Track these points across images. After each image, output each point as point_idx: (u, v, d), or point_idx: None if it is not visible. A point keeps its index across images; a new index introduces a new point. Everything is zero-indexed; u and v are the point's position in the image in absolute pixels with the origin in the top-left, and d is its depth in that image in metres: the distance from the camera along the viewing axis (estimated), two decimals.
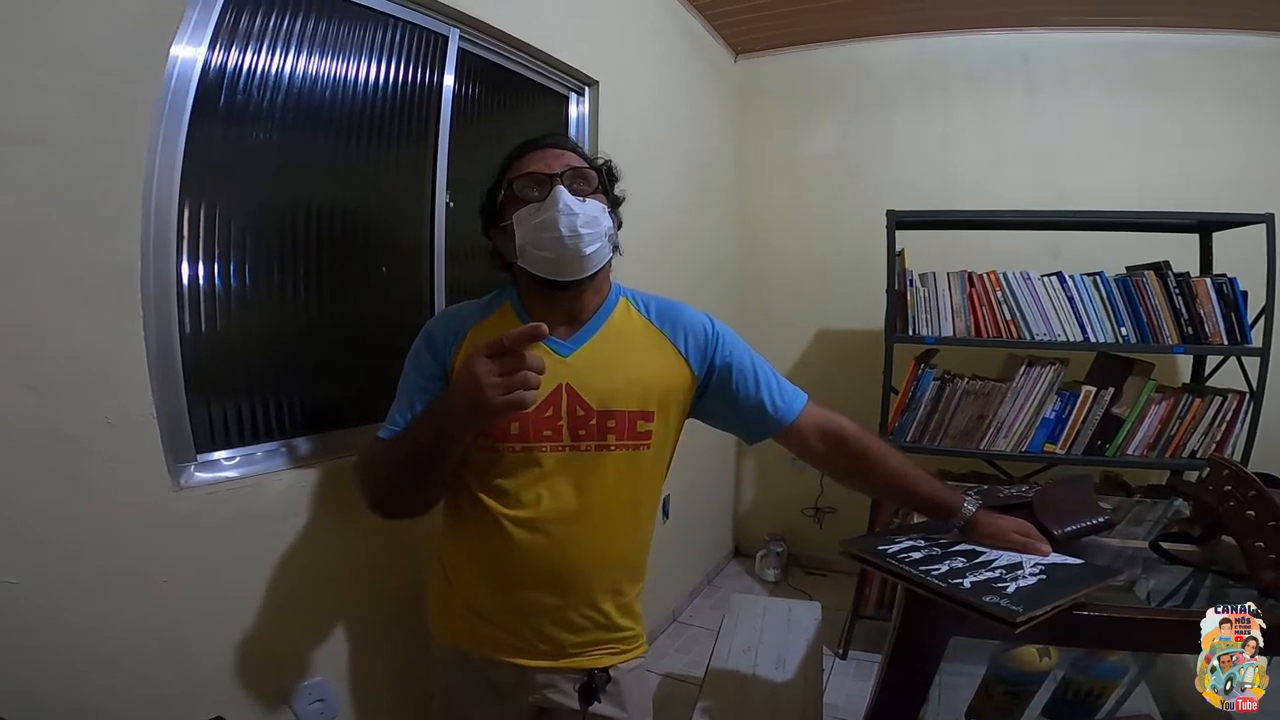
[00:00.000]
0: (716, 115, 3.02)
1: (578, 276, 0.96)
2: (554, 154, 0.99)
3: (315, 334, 1.32)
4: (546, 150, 1.00)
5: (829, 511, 3.10)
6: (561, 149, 1.01)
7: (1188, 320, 2.07)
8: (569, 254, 0.94)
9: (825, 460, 1.08)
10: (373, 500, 0.96)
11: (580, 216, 0.93)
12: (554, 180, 0.95)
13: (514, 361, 0.77)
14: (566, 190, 0.94)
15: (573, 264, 0.95)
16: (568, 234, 0.93)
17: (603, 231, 0.97)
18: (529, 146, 1.02)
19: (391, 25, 1.43)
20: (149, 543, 0.99)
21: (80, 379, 0.91)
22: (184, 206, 1.07)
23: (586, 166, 1.00)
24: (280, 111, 1.23)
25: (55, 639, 0.89)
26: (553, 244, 0.93)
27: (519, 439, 0.95)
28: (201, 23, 1.08)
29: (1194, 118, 2.63)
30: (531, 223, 0.95)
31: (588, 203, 0.96)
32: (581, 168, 0.98)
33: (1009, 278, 2.14)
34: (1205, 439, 2.09)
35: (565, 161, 0.98)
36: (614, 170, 1.07)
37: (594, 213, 0.96)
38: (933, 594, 0.84)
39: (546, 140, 1.03)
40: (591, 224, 0.95)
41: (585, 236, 0.94)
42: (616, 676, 1.04)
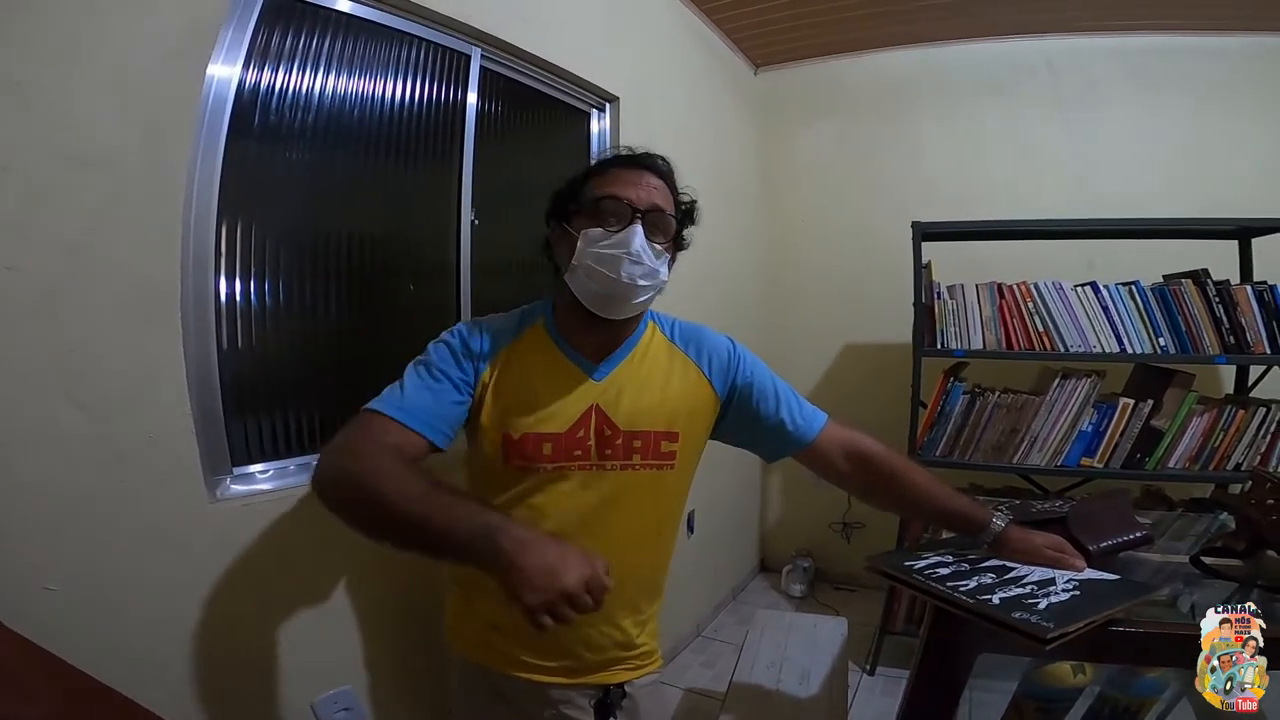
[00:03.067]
0: (738, 129, 3.03)
1: (617, 318, 0.97)
2: (649, 183, 0.96)
3: (346, 350, 1.35)
4: (643, 174, 0.97)
5: (857, 526, 3.05)
6: (659, 178, 0.98)
7: (1229, 329, 2.00)
8: (618, 297, 0.93)
9: (849, 479, 1.08)
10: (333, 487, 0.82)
11: (645, 267, 0.92)
12: (635, 216, 0.92)
13: (579, 604, 0.67)
14: (643, 234, 0.92)
15: (618, 307, 0.95)
16: (626, 279, 0.91)
17: (659, 283, 0.96)
18: (626, 161, 0.99)
19: (415, 45, 1.47)
20: (185, 554, 1.02)
21: (124, 394, 0.95)
22: (221, 225, 1.11)
23: (669, 214, 0.97)
24: (311, 130, 1.27)
25: (90, 646, 0.91)
26: (607, 281, 0.92)
27: (551, 459, 0.95)
28: (236, 42, 1.12)
29: (1230, 121, 2.56)
30: (595, 248, 0.92)
31: (659, 255, 0.94)
32: (664, 213, 0.96)
33: (1040, 288, 2.10)
34: (1250, 451, 2.01)
35: (653, 199, 0.95)
36: (694, 213, 1.05)
37: (657, 266, 0.94)
38: (960, 610, 0.82)
39: (645, 161, 0.99)
40: (651, 275, 0.93)
41: (641, 287, 0.93)
42: (632, 692, 1.04)
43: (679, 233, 1.02)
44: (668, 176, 1.01)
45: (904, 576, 0.93)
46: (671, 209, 0.98)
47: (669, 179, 1.01)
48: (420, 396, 0.91)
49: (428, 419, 0.89)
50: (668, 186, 0.99)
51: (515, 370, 0.98)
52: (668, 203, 0.98)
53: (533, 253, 1.08)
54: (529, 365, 0.99)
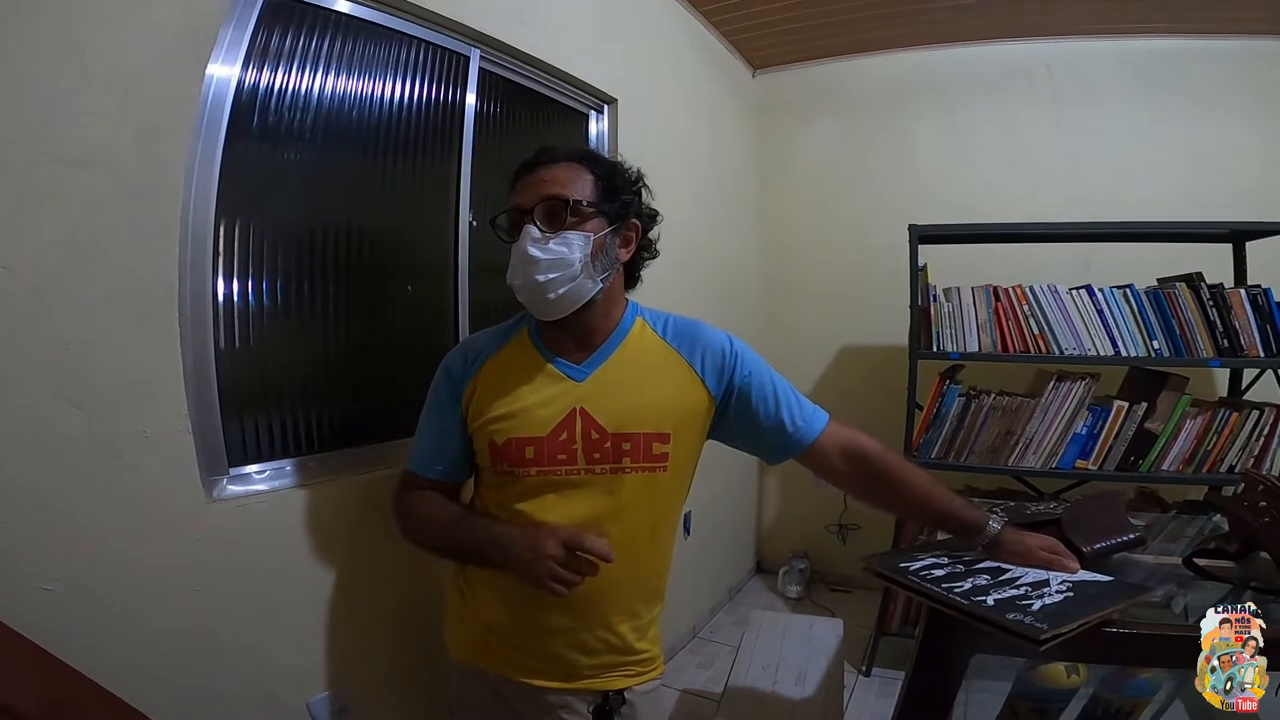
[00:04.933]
0: (736, 130, 3.03)
1: (553, 317, 0.97)
2: (537, 180, 0.96)
3: (343, 351, 1.35)
4: (534, 175, 0.97)
5: (853, 528, 3.05)
6: (550, 169, 0.96)
7: (1223, 333, 2.01)
8: (537, 300, 0.94)
9: (848, 479, 1.07)
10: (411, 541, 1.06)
11: (541, 263, 0.91)
12: (524, 218, 0.94)
13: (580, 564, 0.86)
14: (534, 230, 0.92)
15: (545, 307, 0.95)
16: (531, 282, 0.92)
17: (575, 270, 0.92)
18: (522, 169, 1.00)
19: (414, 46, 1.47)
20: (182, 553, 1.01)
21: (120, 394, 0.94)
22: (219, 225, 1.10)
23: (562, 196, 0.93)
24: (309, 130, 1.27)
25: (86, 645, 0.91)
26: (522, 289, 0.95)
27: (534, 464, 0.96)
28: (235, 41, 1.12)
29: (1225, 124, 2.58)
30: (511, 261, 0.95)
31: (552, 245, 0.92)
32: (555, 198, 0.93)
33: (1036, 291, 2.11)
34: (1243, 454, 2.03)
35: (542, 191, 0.94)
36: (619, 176, 1.01)
37: (559, 253, 0.92)
38: (955, 611, 0.83)
39: (538, 159, 0.99)
40: (555, 266, 0.92)
41: (550, 281, 0.92)
42: (631, 699, 1.03)
43: (604, 201, 0.97)
44: (570, 157, 0.98)
45: (899, 578, 0.93)
46: (574, 190, 0.94)
47: (574, 158, 0.98)
48: (426, 440, 1.05)
49: (436, 463, 1.04)
50: (573, 166, 0.97)
51: (497, 378, 1.00)
52: (568, 185, 0.94)
53: None
54: (512, 372, 1.00)
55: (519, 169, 1.01)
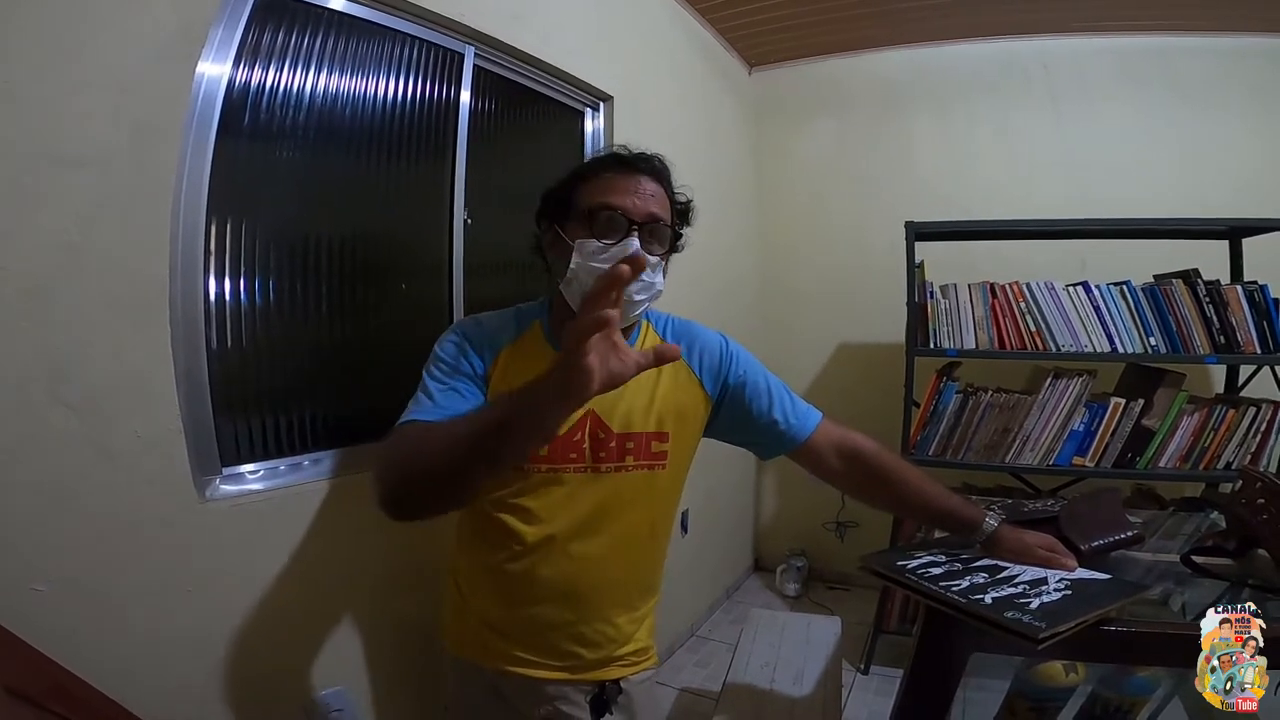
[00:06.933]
0: (732, 128, 3.03)
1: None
2: (645, 191, 0.92)
3: (336, 350, 1.34)
4: (638, 180, 0.93)
5: (851, 526, 3.05)
6: (655, 182, 0.94)
7: (1219, 329, 2.02)
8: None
9: (843, 477, 1.07)
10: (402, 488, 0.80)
11: (640, 282, 0.88)
12: (632, 229, 0.89)
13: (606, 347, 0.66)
14: (639, 247, 0.89)
15: None
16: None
17: (654, 294, 0.93)
18: (620, 164, 0.95)
19: (408, 43, 1.46)
20: (175, 554, 1.01)
21: (113, 394, 0.94)
22: (210, 224, 1.10)
23: (665, 222, 0.94)
24: (302, 129, 1.26)
25: (78, 646, 0.90)
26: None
27: (546, 460, 0.95)
28: (226, 40, 1.11)
29: (1222, 121, 2.58)
30: (591, 261, 0.89)
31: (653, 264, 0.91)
32: (661, 222, 0.93)
33: (1032, 288, 2.11)
34: (1240, 450, 2.03)
35: (649, 208, 0.92)
36: (690, 213, 1.03)
37: (654, 277, 0.91)
38: (953, 610, 0.82)
39: (641, 164, 0.95)
40: (647, 289, 0.91)
41: (637, 301, 0.90)
42: (627, 688, 1.04)
43: (676, 236, 0.99)
44: (664, 177, 0.97)
45: (897, 576, 0.93)
46: (668, 215, 0.95)
47: (665, 180, 0.97)
48: (448, 398, 0.90)
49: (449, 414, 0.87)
50: (664, 190, 0.96)
51: (515, 371, 0.97)
52: (664, 209, 0.95)
53: (525, 253, 1.06)
54: (531, 366, 0.97)
55: (609, 160, 0.96)
